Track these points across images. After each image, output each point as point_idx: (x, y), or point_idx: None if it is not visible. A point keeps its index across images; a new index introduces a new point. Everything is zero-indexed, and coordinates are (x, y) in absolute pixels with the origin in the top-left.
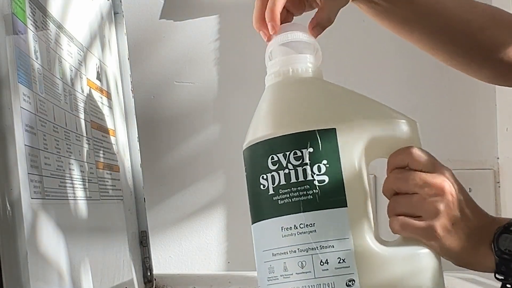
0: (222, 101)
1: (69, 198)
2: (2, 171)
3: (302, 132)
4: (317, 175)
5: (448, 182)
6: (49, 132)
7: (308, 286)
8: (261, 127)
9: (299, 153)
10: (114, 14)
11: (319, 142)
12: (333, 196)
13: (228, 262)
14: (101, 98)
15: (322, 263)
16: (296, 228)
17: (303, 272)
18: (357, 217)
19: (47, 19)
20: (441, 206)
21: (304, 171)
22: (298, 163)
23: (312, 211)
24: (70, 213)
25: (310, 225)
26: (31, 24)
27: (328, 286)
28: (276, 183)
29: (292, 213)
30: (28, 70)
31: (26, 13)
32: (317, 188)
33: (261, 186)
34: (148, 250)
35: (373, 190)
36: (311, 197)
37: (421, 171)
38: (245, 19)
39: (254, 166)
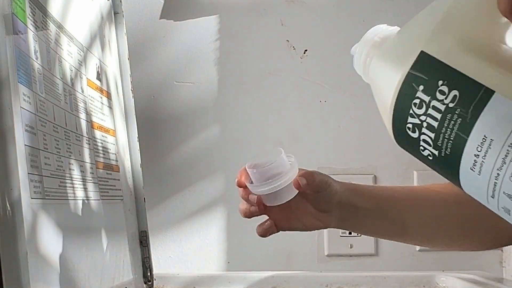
0: (222, 101)
1: (69, 198)
2: (2, 171)
3: None
4: None
5: None
6: (49, 132)
7: None
8: None
9: None
10: (114, 14)
11: None
12: None
13: (228, 262)
14: (101, 98)
15: None
16: None
17: None
18: None
19: (47, 19)
20: None
21: None
22: None
23: None
24: (70, 213)
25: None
26: (31, 24)
27: None
28: None
29: None
30: (28, 70)
31: (26, 13)
32: None
33: None
34: (148, 250)
35: None
36: None
37: None
38: (245, 19)
39: None
